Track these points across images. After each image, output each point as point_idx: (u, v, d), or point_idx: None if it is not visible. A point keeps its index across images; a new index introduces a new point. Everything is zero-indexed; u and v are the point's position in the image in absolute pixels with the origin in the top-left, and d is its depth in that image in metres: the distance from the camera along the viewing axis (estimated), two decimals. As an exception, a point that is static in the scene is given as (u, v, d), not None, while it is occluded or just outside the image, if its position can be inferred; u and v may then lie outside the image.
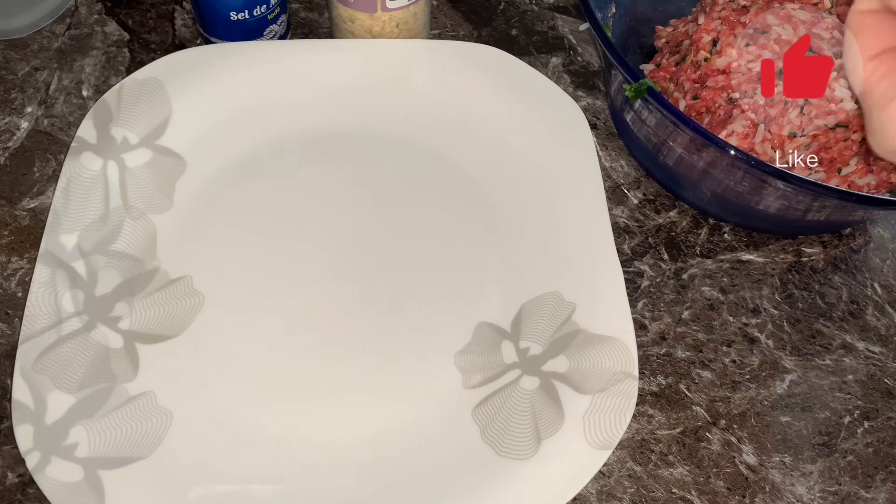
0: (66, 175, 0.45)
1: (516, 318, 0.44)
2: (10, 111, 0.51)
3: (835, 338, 0.46)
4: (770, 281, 0.48)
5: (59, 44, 0.55)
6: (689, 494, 0.40)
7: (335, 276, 0.45)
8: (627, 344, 0.41)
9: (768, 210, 0.46)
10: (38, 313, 0.41)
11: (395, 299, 0.44)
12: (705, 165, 0.45)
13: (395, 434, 0.40)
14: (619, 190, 0.51)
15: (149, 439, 0.39)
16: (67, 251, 0.43)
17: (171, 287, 0.44)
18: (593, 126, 0.53)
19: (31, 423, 0.38)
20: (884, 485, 0.41)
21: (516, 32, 0.58)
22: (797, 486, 0.41)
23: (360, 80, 0.51)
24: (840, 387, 0.44)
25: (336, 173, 0.49)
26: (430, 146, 0.50)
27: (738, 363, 0.45)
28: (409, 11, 0.50)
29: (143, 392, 0.40)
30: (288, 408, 0.41)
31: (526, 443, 0.39)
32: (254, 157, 0.49)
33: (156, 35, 0.56)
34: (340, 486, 0.38)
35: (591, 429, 0.39)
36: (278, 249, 0.46)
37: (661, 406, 0.43)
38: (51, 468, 0.37)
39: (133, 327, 0.42)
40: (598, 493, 0.40)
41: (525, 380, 0.41)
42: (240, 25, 0.50)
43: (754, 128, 0.44)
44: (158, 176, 0.47)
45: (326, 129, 0.50)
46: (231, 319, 0.43)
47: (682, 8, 0.54)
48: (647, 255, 0.48)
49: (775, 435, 0.43)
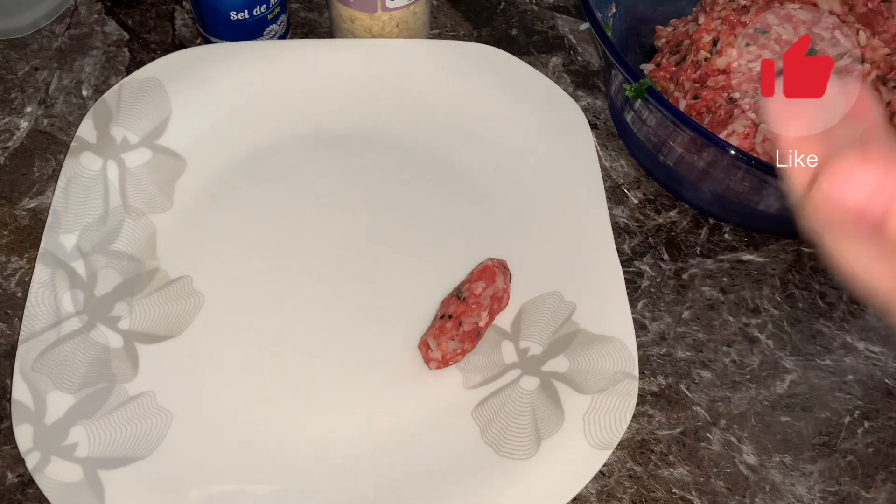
0: (65, 175, 0.45)
1: (516, 318, 0.44)
2: (9, 111, 0.51)
3: (835, 338, 0.46)
4: (770, 281, 0.48)
5: (58, 43, 0.55)
6: (689, 494, 0.40)
7: (335, 276, 0.45)
8: (627, 344, 0.41)
9: (769, 210, 0.46)
10: (38, 313, 0.41)
11: (394, 299, 0.44)
12: (705, 165, 0.45)
13: (395, 434, 0.40)
14: (619, 190, 0.51)
15: (148, 439, 0.39)
16: (67, 251, 0.43)
17: (170, 287, 0.44)
18: (593, 126, 0.53)
19: (30, 423, 0.38)
20: (884, 485, 0.41)
21: (516, 32, 0.58)
22: (797, 486, 0.41)
23: (360, 80, 0.51)
24: (840, 387, 0.44)
25: (336, 173, 0.49)
26: (429, 146, 0.50)
27: (738, 363, 0.45)
28: (409, 11, 0.50)
29: (143, 392, 0.40)
30: (288, 407, 0.41)
31: (526, 443, 0.39)
32: (253, 156, 0.49)
33: (156, 35, 0.56)
34: (340, 486, 0.38)
35: (592, 429, 0.39)
36: (278, 249, 0.46)
37: (661, 406, 0.43)
38: (50, 468, 0.37)
39: (133, 327, 0.42)
40: (598, 493, 0.40)
41: (525, 380, 0.41)
42: (240, 25, 0.50)
43: (755, 128, 0.44)
44: (158, 176, 0.47)
45: (326, 128, 0.50)
46: (231, 319, 0.43)
47: (682, 8, 0.54)
48: (647, 255, 0.48)
49: (775, 435, 0.43)
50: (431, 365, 0.41)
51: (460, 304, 0.41)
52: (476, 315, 0.41)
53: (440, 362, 0.41)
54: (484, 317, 0.41)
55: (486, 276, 0.42)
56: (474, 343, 0.41)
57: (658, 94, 0.42)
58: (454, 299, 0.42)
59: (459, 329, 0.41)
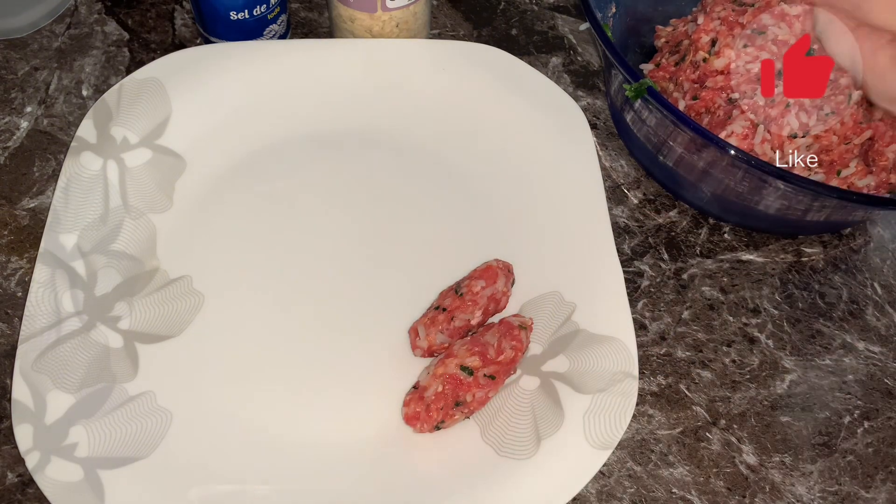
0: (65, 175, 0.45)
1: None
2: (9, 111, 0.51)
3: (835, 338, 0.46)
4: (770, 281, 0.48)
5: (58, 43, 0.55)
6: (689, 494, 0.40)
7: (335, 276, 0.45)
8: (627, 344, 0.41)
9: (768, 210, 0.46)
10: (38, 313, 0.41)
11: (395, 299, 0.44)
12: (705, 165, 0.45)
13: (395, 434, 0.40)
14: (619, 190, 0.51)
15: (148, 439, 0.39)
16: (67, 251, 0.43)
17: (170, 287, 0.44)
18: (593, 126, 0.53)
19: (30, 423, 0.38)
20: (884, 485, 0.41)
21: (516, 32, 0.58)
22: (797, 486, 0.41)
23: (360, 80, 0.51)
24: (840, 387, 0.44)
25: (335, 173, 0.49)
26: (429, 146, 0.50)
27: (738, 363, 0.45)
28: (409, 11, 0.50)
29: (143, 392, 0.40)
30: (288, 407, 0.41)
31: (526, 443, 0.39)
32: (253, 156, 0.49)
33: (156, 35, 0.56)
34: (340, 486, 0.38)
35: (591, 429, 0.39)
36: (278, 249, 0.46)
37: (661, 406, 0.43)
38: (50, 468, 0.37)
39: (133, 327, 0.42)
40: (598, 493, 0.40)
41: (525, 379, 0.41)
42: (240, 25, 0.50)
43: (754, 128, 0.44)
44: (158, 176, 0.47)
45: (326, 128, 0.50)
46: (231, 319, 0.43)
47: (682, 8, 0.54)
48: (647, 255, 0.48)
49: (775, 435, 0.43)
50: (417, 352, 0.41)
51: (456, 299, 0.42)
52: (469, 312, 0.41)
53: (425, 351, 0.41)
54: (477, 315, 0.41)
55: (488, 275, 0.42)
56: (464, 340, 0.41)
57: (658, 94, 0.42)
58: (452, 293, 0.42)
59: (451, 324, 0.41)
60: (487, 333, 0.40)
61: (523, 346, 0.40)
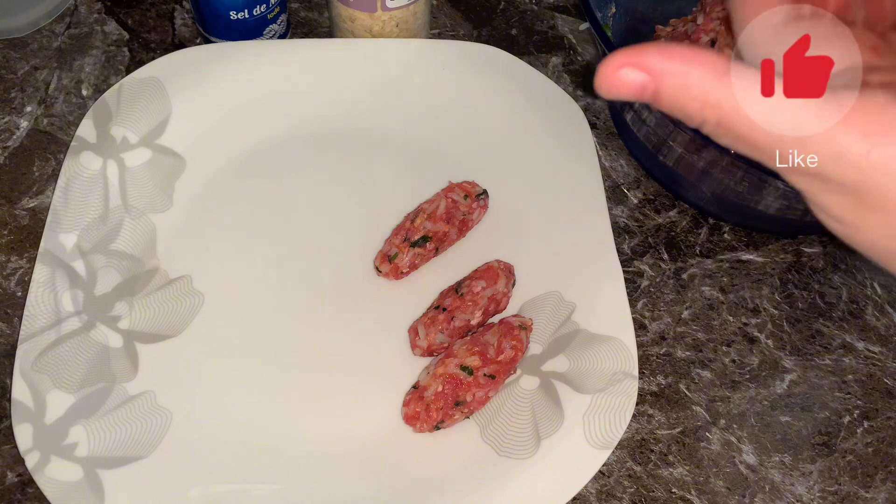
0: (65, 174, 0.45)
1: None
2: (9, 110, 0.51)
3: (835, 338, 0.46)
4: (770, 281, 0.48)
5: (58, 43, 0.55)
6: (689, 494, 0.40)
7: (335, 276, 0.45)
8: (627, 344, 0.41)
9: (768, 210, 0.46)
10: (38, 313, 0.41)
11: (395, 298, 0.44)
12: (705, 165, 0.45)
13: (394, 433, 0.40)
14: (619, 190, 0.51)
15: (148, 439, 0.39)
16: (67, 251, 0.43)
17: (170, 286, 0.44)
18: (593, 126, 0.53)
19: (30, 423, 0.38)
20: (883, 485, 0.41)
21: (516, 32, 0.58)
22: (797, 485, 0.41)
23: (360, 80, 0.51)
24: (840, 386, 0.44)
25: (336, 173, 0.49)
26: (429, 145, 0.50)
27: (737, 363, 0.45)
28: (409, 11, 0.50)
29: (143, 392, 0.40)
30: (288, 407, 0.41)
31: (526, 442, 0.39)
32: (253, 156, 0.49)
33: (155, 34, 0.56)
34: (340, 485, 0.38)
35: (591, 428, 0.39)
36: (278, 249, 0.46)
37: (660, 406, 0.43)
38: (50, 468, 0.37)
39: (133, 327, 0.42)
40: (598, 492, 0.40)
41: (525, 379, 0.41)
42: (240, 25, 0.50)
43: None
44: (158, 175, 0.47)
45: (326, 128, 0.50)
46: (231, 319, 0.43)
47: (682, 8, 0.54)
48: (647, 255, 0.48)
49: (775, 435, 0.43)
50: (416, 352, 0.41)
51: (456, 299, 0.42)
52: (469, 312, 0.41)
53: (425, 351, 0.41)
54: (477, 315, 0.41)
55: (489, 276, 0.42)
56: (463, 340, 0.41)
57: (658, 93, 0.42)
58: (452, 293, 0.42)
59: (450, 323, 0.41)
60: (487, 333, 0.40)
61: (523, 345, 0.40)
